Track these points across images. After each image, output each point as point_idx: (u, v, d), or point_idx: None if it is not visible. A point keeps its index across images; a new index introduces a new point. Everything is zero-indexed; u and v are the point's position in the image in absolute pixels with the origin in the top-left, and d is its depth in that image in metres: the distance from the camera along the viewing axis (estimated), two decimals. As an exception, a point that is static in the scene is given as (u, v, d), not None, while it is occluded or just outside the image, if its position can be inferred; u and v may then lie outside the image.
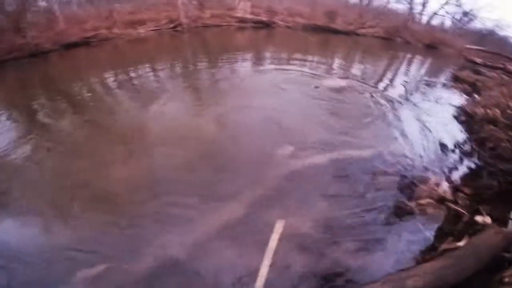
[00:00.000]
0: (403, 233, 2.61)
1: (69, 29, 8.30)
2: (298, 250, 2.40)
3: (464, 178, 3.43)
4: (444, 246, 2.33)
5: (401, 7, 15.31)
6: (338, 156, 3.51)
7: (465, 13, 15.24)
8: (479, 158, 3.89)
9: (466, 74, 7.74)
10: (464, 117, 5.20)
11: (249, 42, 10.94)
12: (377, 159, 3.55)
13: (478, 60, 8.98)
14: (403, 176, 3.21)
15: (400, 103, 5.56)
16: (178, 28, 10.61)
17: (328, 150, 3.61)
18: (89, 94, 5.27)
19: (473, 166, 3.75)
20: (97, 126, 4.11)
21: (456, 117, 5.26)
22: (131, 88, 5.58)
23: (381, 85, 6.70)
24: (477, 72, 8.08)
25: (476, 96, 6.15)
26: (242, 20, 12.52)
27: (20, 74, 6.49)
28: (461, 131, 4.75)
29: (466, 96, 6.37)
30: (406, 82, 7.11)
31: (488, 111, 5.03)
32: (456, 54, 11.29)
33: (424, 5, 15.22)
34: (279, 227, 2.52)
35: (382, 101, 5.49)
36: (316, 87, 5.78)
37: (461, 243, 2.29)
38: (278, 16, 13.22)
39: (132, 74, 6.33)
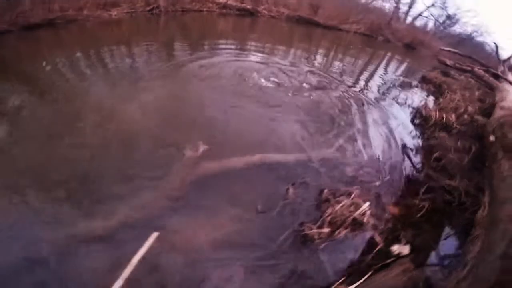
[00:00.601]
0: (299, 263, 1.96)
1: (32, 10, 7.14)
2: (181, 267, 1.81)
3: (396, 195, 2.77)
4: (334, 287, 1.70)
5: (387, 5, 14.26)
6: (257, 160, 2.80)
7: (449, 16, 14.25)
8: (421, 171, 3.23)
9: (434, 75, 6.94)
10: (419, 120, 4.50)
11: (231, 29, 9.82)
12: (301, 166, 2.85)
13: (449, 62, 8.15)
14: (322, 190, 2.53)
15: (365, 104, 4.78)
16: (155, 11, 9.46)
17: (249, 152, 2.87)
18: (54, 75, 4.31)
19: (411, 180, 3.08)
20: (59, 107, 3.33)
21: (411, 121, 4.55)
22: (100, 69, 4.68)
23: (354, 84, 5.87)
24: (446, 74, 7.29)
25: (438, 98, 5.41)
26: (225, 6, 11.34)
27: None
28: (411, 137, 4.05)
29: (428, 98, 5.64)
30: (380, 82, 6.34)
31: (444, 115, 4.32)
32: (431, 55, 10.45)
33: (410, 5, 14.21)
34: (150, 241, 1.92)
35: (349, 101, 4.70)
36: (277, 80, 4.95)
37: (352, 286, 1.65)
38: (263, 5, 12.07)
39: (102, 56, 5.36)
